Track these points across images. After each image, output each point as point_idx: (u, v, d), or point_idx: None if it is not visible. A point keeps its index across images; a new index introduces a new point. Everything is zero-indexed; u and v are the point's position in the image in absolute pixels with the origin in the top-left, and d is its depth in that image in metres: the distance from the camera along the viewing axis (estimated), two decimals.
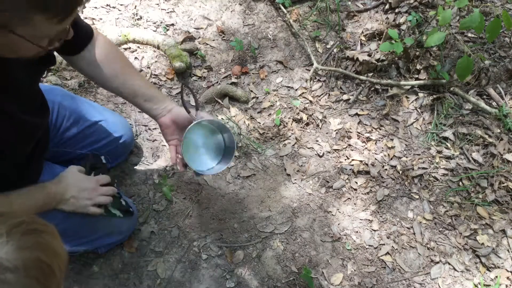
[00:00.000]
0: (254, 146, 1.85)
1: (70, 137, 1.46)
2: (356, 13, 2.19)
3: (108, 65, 1.28)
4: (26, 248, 0.62)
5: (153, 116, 1.33)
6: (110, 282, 1.51)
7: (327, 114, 1.95)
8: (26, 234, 0.63)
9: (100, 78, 1.30)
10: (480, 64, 1.93)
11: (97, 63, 1.27)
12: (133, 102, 1.34)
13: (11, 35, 0.77)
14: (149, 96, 1.30)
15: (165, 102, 1.31)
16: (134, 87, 1.30)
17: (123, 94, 1.32)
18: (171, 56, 1.96)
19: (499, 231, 1.65)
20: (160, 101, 1.31)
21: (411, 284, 1.56)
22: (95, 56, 1.26)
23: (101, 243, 1.48)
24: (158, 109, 1.30)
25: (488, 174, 1.74)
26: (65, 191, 1.25)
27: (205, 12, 2.18)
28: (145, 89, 1.31)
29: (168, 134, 1.33)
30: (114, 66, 1.29)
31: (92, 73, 1.29)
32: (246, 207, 1.70)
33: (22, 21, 0.75)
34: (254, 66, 2.08)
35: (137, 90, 1.30)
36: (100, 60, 1.27)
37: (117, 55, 1.33)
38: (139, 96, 1.30)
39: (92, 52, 1.25)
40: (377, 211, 1.70)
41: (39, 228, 0.67)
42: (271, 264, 1.58)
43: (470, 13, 1.97)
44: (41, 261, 0.63)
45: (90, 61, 1.26)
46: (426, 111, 1.93)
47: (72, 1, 0.79)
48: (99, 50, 1.27)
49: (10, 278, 0.59)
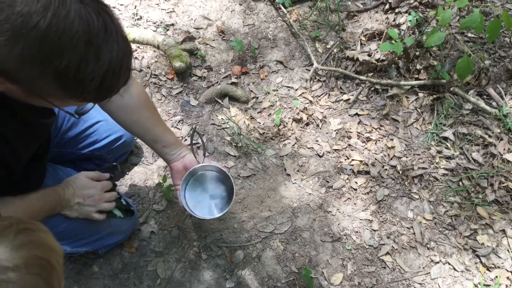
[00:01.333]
0: (254, 146, 1.85)
1: (70, 138, 1.46)
2: (356, 13, 2.19)
3: (138, 114, 1.32)
4: (22, 246, 0.62)
5: (166, 160, 1.41)
6: (110, 282, 1.51)
7: (327, 114, 1.95)
8: (19, 233, 0.64)
9: (126, 123, 1.34)
10: (480, 64, 1.93)
11: (127, 110, 1.30)
12: (151, 146, 1.41)
13: (37, 97, 0.79)
14: (168, 142, 1.37)
15: (181, 149, 1.40)
16: (156, 134, 1.36)
17: (144, 139, 1.40)
18: (171, 56, 1.96)
19: (499, 231, 1.65)
20: (177, 148, 1.39)
21: (411, 284, 1.56)
22: (126, 103, 1.28)
23: (102, 243, 1.48)
24: (174, 154, 1.39)
25: (488, 174, 1.74)
26: (72, 197, 1.27)
27: (205, 12, 2.18)
28: (166, 136, 1.38)
29: (177, 178, 1.41)
30: (143, 114, 1.33)
31: (119, 118, 1.33)
32: (246, 207, 1.70)
33: (55, 98, 0.78)
34: (254, 66, 2.08)
35: (158, 137, 1.36)
36: (130, 107, 1.30)
37: (148, 103, 1.36)
38: (159, 142, 1.37)
39: (124, 97, 1.27)
40: (377, 211, 1.70)
41: (30, 227, 0.67)
42: (271, 264, 1.58)
43: (470, 13, 1.97)
44: (39, 257, 0.64)
45: (120, 106, 1.29)
46: (426, 111, 1.93)
47: (107, 95, 0.81)
48: (132, 97, 1.29)
49: (13, 277, 0.59)
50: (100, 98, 0.81)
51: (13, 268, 0.60)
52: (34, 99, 0.81)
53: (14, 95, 0.80)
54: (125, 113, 1.31)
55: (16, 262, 0.60)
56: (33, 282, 0.62)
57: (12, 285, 0.59)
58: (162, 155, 1.40)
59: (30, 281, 0.61)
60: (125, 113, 1.31)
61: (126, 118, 1.32)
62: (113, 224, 1.44)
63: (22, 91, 0.76)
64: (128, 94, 1.28)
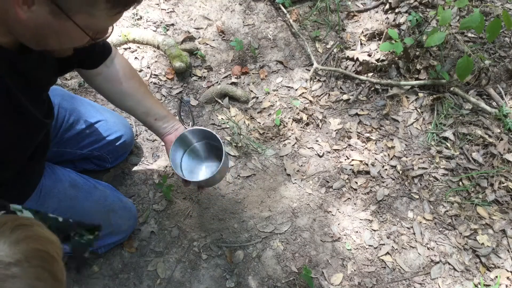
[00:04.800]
0: (254, 146, 1.85)
1: (70, 137, 1.46)
2: (356, 13, 2.19)
3: (126, 83, 1.31)
4: (20, 241, 0.62)
5: (160, 134, 1.38)
6: (110, 282, 1.51)
7: (327, 114, 1.95)
8: (15, 229, 0.64)
9: (115, 95, 1.33)
10: (480, 64, 1.93)
11: (114, 80, 1.29)
12: (143, 121, 1.38)
13: (67, 23, 0.79)
14: (160, 115, 1.35)
15: (174, 122, 1.37)
16: (148, 106, 1.34)
17: (136, 112, 1.36)
18: (171, 56, 1.96)
19: (499, 231, 1.65)
20: (169, 121, 1.36)
21: (411, 284, 1.56)
22: (112, 73, 1.28)
23: (102, 243, 1.48)
24: (167, 127, 1.36)
25: (488, 174, 1.74)
26: None
27: (205, 12, 2.18)
28: (157, 108, 1.35)
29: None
30: (130, 84, 1.32)
31: (108, 90, 1.32)
32: (246, 207, 1.70)
33: (85, 7, 0.78)
34: (254, 66, 2.08)
35: (150, 109, 1.34)
36: (117, 77, 1.29)
37: (134, 74, 1.35)
38: (151, 115, 1.34)
39: (110, 68, 1.27)
40: (377, 211, 1.70)
41: (25, 222, 0.67)
42: (271, 264, 1.58)
43: (470, 13, 1.97)
44: (38, 250, 0.64)
45: (108, 77, 1.28)
46: (426, 111, 1.93)
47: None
48: (117, 67, 1.28)
49: (16, 272, 0.60)
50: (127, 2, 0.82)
51: (15, 263, 0.60)
52: (59, 26, 0.80)
53: (34, 31, 0.80)
54: (113, 84, 1.30)
55: (17, 257, 0.60)
56: (37, 274, 0.62)
57: (18, 280, 0.60)
58: (154, 129, 1.38)
59: (34, 273, 0.62)
60: (113, 84, 1.30)
61: (114, 89, 1.31)
62: (112, 223, 1.44)
63: (49, 12, 0.76)
64: (114, 65, 1.28)
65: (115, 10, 0.80)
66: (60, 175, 1.34)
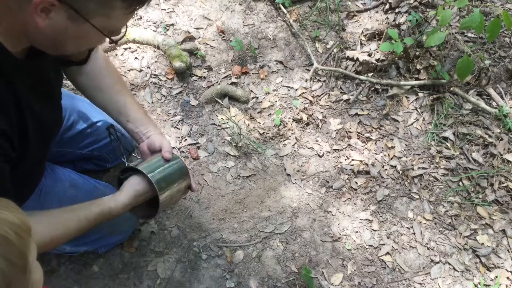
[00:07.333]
0: (254, 146, 1.85)
1: (70, 137, 1.46)
2: (356, 13, 2.19)
3: (99, 79, 1.25)
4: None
5: (135, 140, 1.28)
6: (110, 282, 1.51)
7: (327, 114, 1.95)
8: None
9: (88, 89, 1.27)
10: (480, 64, 1.93)
11: (89, 74, 1.24)
12: (117, 120, 1.28)
13: (85, 26, 0.80)
14: (132, 117, 1.24)
15: (148, 127, 1.25)
16: (119, 105, 1.24)
17: (107, 110, 1.27)
18: (171, 56, 1.96)
19: (499, 231, 1.65)
20: (143, 125, 1.24)
21: (411, 284, 1.56)
22: (89, 67, 1.24)
23: (102, 242, 1.48)
24: (139, 133, 1.25)
25: (488, 174, 1.74)
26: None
27: (205, 12, 2.18)
28: (130, 109, 1.25)
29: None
30: (104, 80, 1.25)
31: (81, 83, 1.27)
32: (246, 207, 1.70)
33: (102, 9, 0.79)
34: (254, 66, 2.08)
35: (121, 109, 1.24)
36: (93, 71, 1.24)
37: (111, 70, 1.30)
38: (123, 115, 1.25)
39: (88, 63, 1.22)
40: (377, 211, 1.70)
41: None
42: (271, 264, 1.58)
43: (470, 13, 1.97)
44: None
45: (83, 70, 1.24)
46: (426, 111, 1.93)
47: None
48: (95, 62, 1.25)
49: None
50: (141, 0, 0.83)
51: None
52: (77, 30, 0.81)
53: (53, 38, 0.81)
54: (87, 78, 1.24)
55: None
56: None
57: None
58: (129, 133, 1.26)
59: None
60: (87, 78, 1.24)
61: (88, 83, 1.25)
62: (113, 223, 1.43)
63: (67, 17, 0.77)
64: (92, 59, 1.22)
65: (130, 9, 0.82)
66: (60, 175, 1.34)
